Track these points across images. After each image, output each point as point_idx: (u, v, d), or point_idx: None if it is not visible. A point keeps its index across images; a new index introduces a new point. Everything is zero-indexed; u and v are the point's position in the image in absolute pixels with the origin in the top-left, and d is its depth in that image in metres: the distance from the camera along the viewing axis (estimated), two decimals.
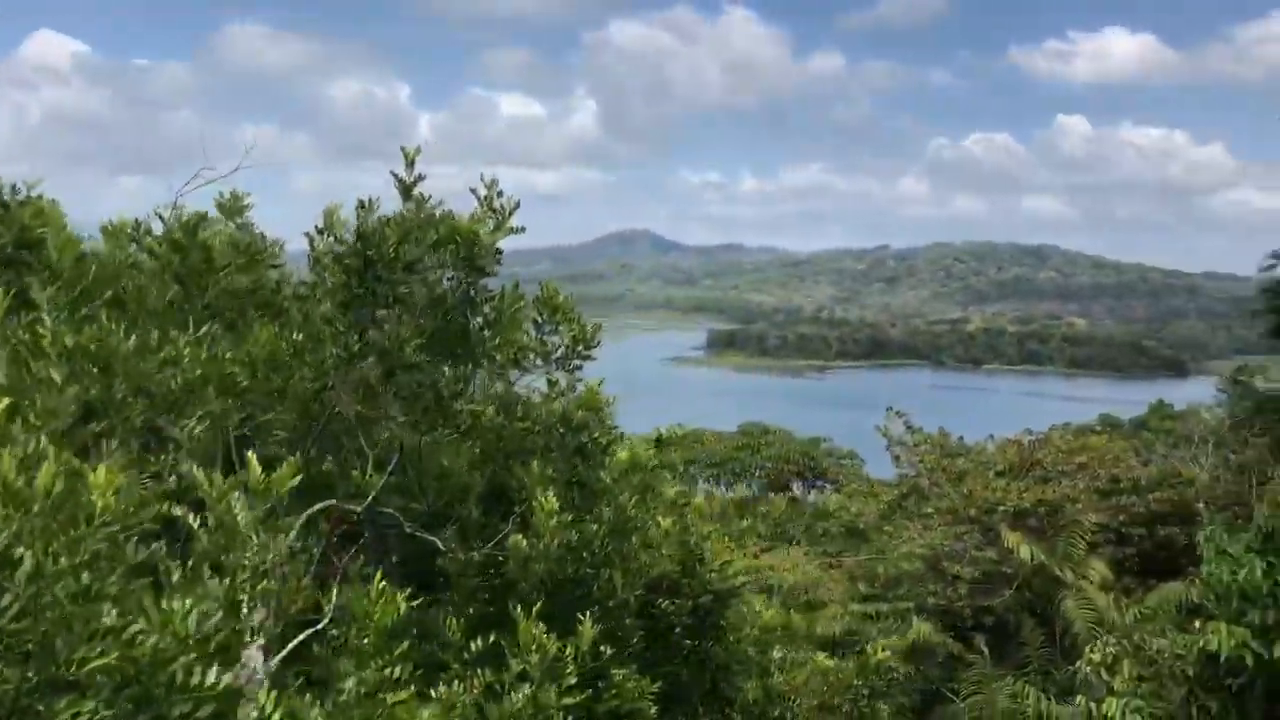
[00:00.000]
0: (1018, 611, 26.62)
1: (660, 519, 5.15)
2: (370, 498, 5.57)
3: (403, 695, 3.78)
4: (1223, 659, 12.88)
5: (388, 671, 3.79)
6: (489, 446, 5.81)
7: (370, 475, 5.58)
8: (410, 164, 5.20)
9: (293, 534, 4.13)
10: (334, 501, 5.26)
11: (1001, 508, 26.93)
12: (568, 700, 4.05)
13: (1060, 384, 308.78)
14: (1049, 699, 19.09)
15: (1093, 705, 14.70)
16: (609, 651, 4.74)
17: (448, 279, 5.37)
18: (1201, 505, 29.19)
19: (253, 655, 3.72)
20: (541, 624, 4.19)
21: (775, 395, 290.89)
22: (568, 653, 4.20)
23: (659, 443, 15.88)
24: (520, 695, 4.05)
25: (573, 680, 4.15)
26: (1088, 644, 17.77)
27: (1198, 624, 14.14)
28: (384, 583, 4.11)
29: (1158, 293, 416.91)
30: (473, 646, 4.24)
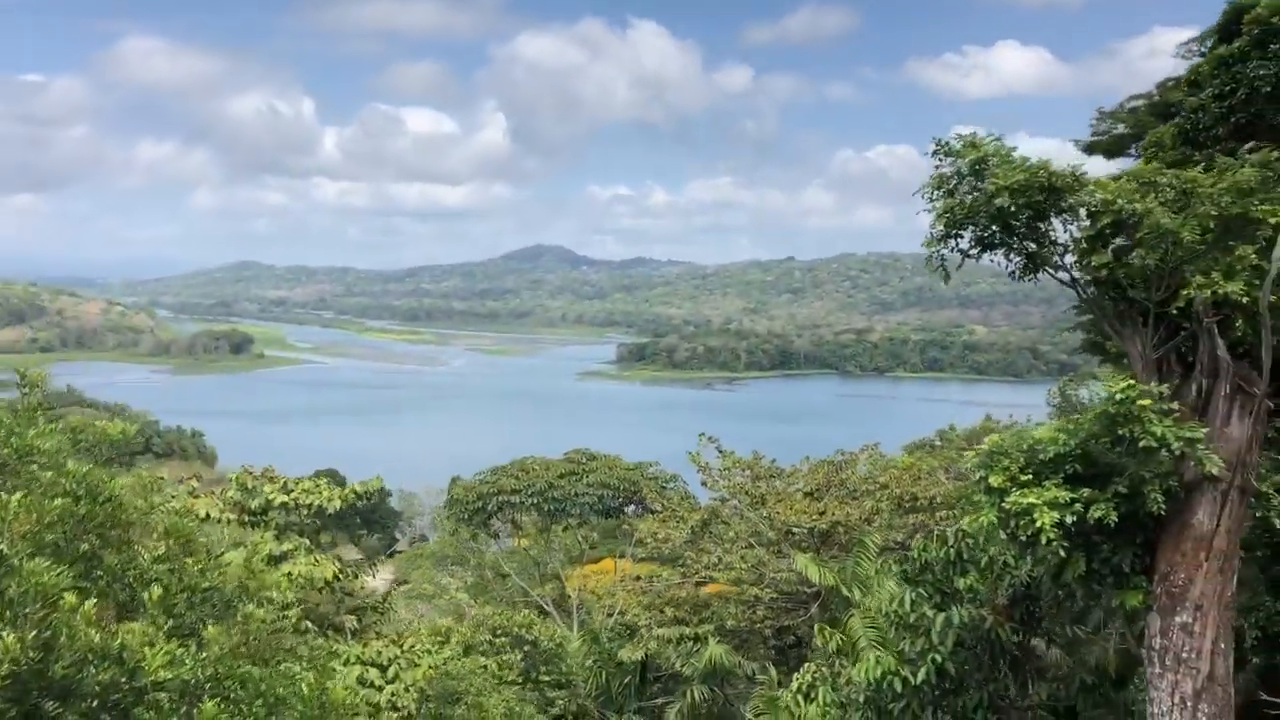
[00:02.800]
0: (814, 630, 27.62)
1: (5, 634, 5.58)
2: None
3: None
4: (881, 685, 13.70)
5: None
6: None
7: None
8: None
9: None
10: None
11: (798, 529, 27.88)
12: None
13: (961, 389, 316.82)
14: None
15: None
16: None
17: None
18: None
19: None
20: None
21: (684, 408, 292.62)
22: None
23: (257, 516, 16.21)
24: None
25: None
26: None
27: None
28: None
29: (1052, 299, 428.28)
30: None
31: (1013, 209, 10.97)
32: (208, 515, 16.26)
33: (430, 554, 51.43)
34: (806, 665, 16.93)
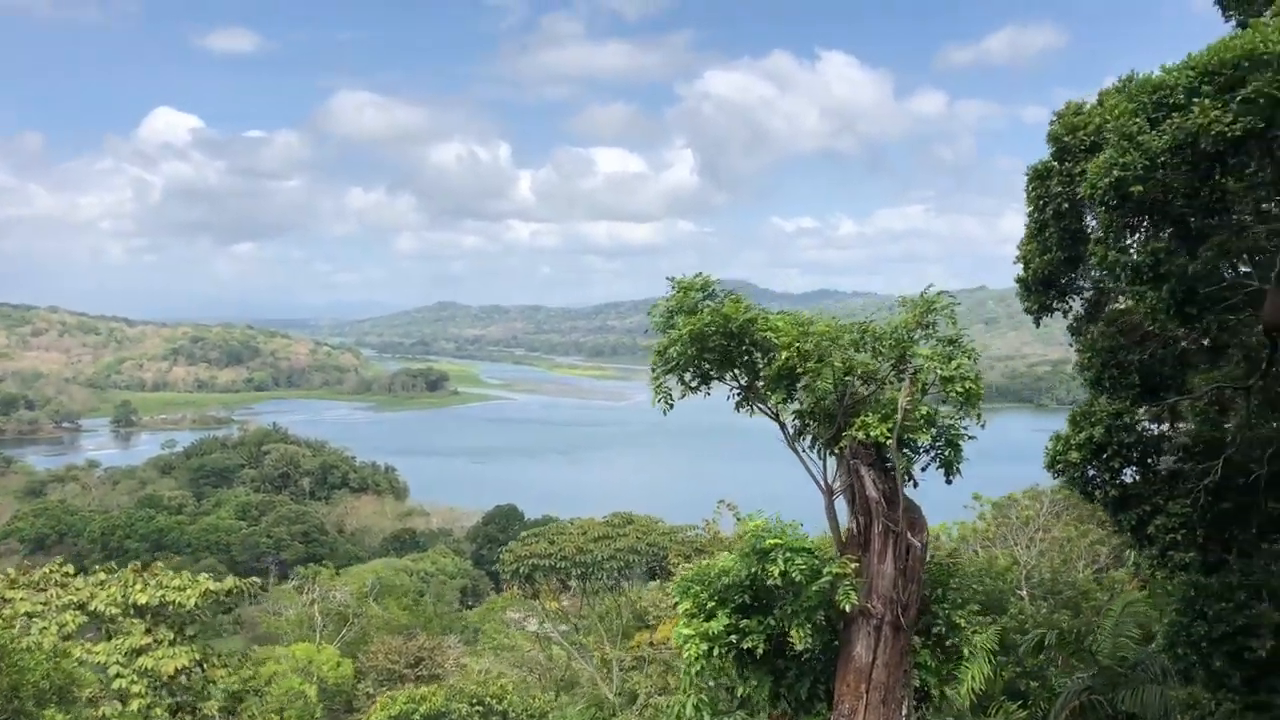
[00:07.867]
0: None
1: None
2: None
3: None
4: None
5: None
6: None
7: None
8: None
9: None
10: None
11: None
12: None
13: None
14: None
15: None
16: None
17: None
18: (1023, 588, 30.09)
19: None
20: None
21: None
22: None
23: None
24: None
25: None
26: None
27: None
28: None
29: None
30: None
31: (691, 353, 11.76)
32: (95, 611, 18.48)
33: (500, 606, 53.55)
34: None
